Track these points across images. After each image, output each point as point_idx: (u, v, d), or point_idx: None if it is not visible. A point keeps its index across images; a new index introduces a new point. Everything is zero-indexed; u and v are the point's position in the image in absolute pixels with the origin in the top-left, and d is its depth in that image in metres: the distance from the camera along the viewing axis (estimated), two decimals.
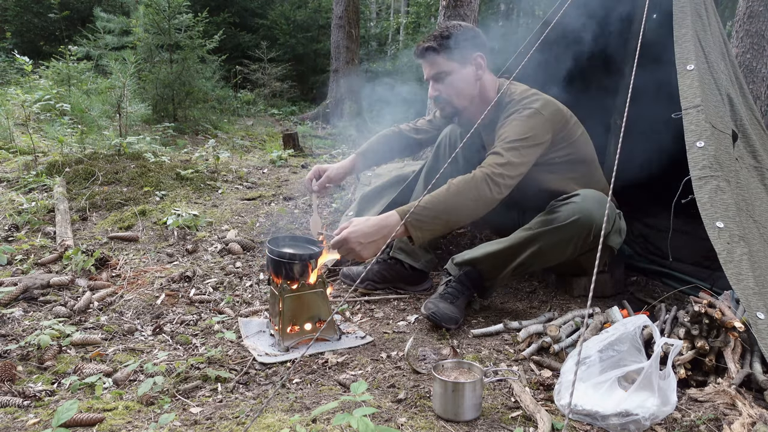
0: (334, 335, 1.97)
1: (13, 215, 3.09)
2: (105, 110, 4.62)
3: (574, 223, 1.95)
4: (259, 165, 4.86)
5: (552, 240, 1.99)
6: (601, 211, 1.94)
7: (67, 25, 11.25)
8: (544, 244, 2.00)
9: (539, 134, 2.02)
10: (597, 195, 2.01)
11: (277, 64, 11.73)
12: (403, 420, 1.40)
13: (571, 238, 1.98)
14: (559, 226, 1.97)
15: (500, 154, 1.96)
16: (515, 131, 2.00)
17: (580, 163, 2.22)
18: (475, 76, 2.17)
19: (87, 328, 2.03)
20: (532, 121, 2.02)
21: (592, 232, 1.96)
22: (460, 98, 2.20)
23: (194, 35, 7.09)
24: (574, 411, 1.42)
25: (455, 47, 2.12)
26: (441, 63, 2.15)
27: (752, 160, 2.07)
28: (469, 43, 2.13)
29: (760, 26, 3.99)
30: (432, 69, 2.18)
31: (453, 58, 2.14)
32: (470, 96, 2.20)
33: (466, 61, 2.15)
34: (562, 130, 2.12)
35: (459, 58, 2.14)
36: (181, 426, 1.41)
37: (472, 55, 2.15)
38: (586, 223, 1.94)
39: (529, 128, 2.01)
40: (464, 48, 2.13)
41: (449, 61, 2.14)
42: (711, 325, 1.61)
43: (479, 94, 2.21)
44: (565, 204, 2.00)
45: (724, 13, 9.01)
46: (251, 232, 3.11)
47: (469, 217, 1.96)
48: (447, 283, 2.18)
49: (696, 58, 1.90)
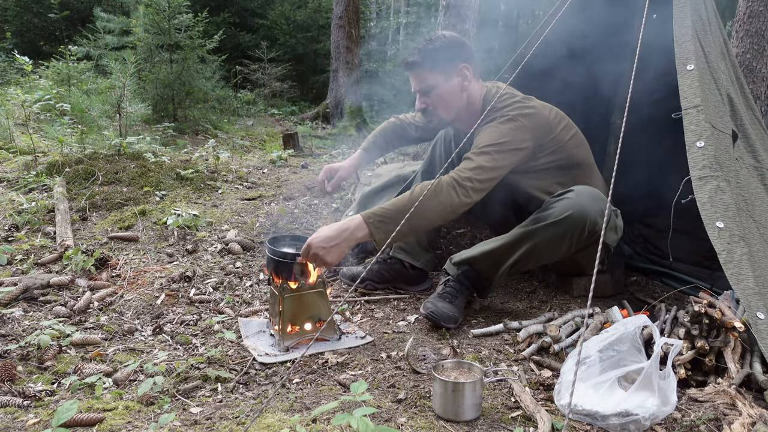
0: (334, 335, 1.97)
1: (13, 215, 3.09)
2: (105, 110, 4.62)
3: (568, 219, 1.95)
4: (259, 165, 4.86)
5: (546, 236, 1.99)
6: (595, 207, 1.95)
7: (67, 25, 11.26)
8: (539, 240, 2.00)
9: (515, 140, 2.02)
10: (591, 191, 2.01)
11: (277, 64, 11.73)
12: (403, 420, 1.40)
13: (565, 233, 1.98)
14: (552, 221, 1.97)
15: (471, 159, 1.98)
16: (489, 137, 2.01)
17: (573, 168, 2.21)
18: (460, 87, 2.17)
19: (87, 328, 2.03)
20: (506, 127, 2.03)
21: (586, 227, 1.96)
22: (446, 110, 2.21)
23: (194, 35, 7.09)
24: (574, 411, 1.42)
25: (439, 60, 2.12)
26: (425, 76, 2.15)
27: (752, 160, 2.07)
28: (453, 55, 2.13)
29: (760, 26, 3.99)
30: (417, 83, 2.18)
31: (437, 71, 2.13)
32: (457, 108, 2.21)
33: (451, 73, 2.14)
34: (546, 136, 2.11)
35: (443, 71, 2.14)
36: (181, 426, 1.41)
37: (457, 67, 2.14)
38: (580, 218, 1.94)
39: (502, 134, 2.01)
40: (448, 60, 2.13)
41: (434, 74, 2.14)
42: (711, 325, 1.61)
43: (466, 105, 2.21)
44: (559, 200, 2.01)
45: (724, 13, 9.01)
46: (251, 232, 3.11)
47: (436, 221, 1.96)
48: (445, 283, 2.18)
49: (696, 58, 1.90)
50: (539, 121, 2.09)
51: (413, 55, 2.14)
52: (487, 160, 1.96)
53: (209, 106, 7.78)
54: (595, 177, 2.31)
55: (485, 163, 1.95)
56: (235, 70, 10.88)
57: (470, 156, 1.99)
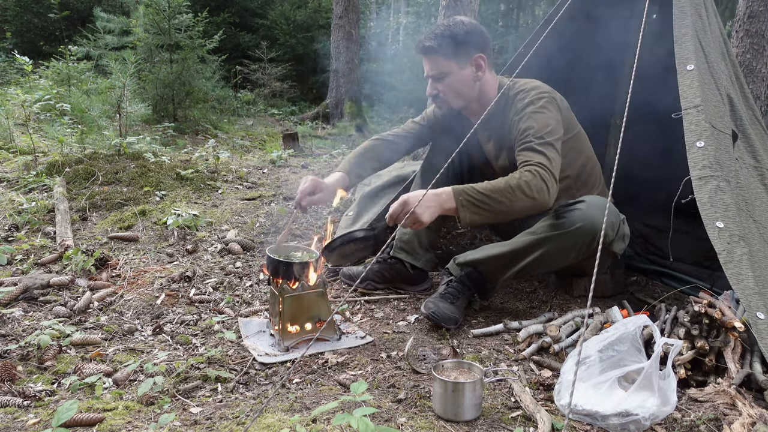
0: (334, 335, 1.97)
1: (13, 215, 3.09)
2: (105, 110, 4.62)
3: (579, 230, 1.94)
4: (259, 165, 4.86)
5: (556, 246, 1.99)
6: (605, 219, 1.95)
7: (67, 25, 11.25)
8: (548, 249, 2.00)
9: (558, 127, 2.04)
10: (601, 202, 2.00)
11: (277, 64, 11.72)
12: (403, 420, 1.40)
13: (575, 244, 1.98)
14: (563, 232, 1.96)
15: (539, 151, 1.94)
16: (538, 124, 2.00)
17: (578, 159, 2.23)
18: (474, 77, 2.15)
19: (87, 328, 2.03)
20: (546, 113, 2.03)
21: (596, 239, 1.95)
22: (457, 99, 2.20)
23: (194, 35, 7.09)
24: (574, 411, 1.42)
25: (455, 47, 2.10)
26: (440, 63, 2.13)
27: (752, 160, 2.07)
28: (470, 44, 2.11)
29: (760, 26, 3.99)
30: (431, 67, 2.16)
31: (452, 58, 2.11)
32: (468, 97, 2.19)
33: (466, 62, 2.13)
34: (565, 120, 2.13)
35: (458, 59, 2.12)
36: (181, 426, 1.41)
37: (473, 56, 2.13)
38: (590, 230, 1.94)
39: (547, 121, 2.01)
40: (464, 48, 2.11)
41: (448, 62, 2.12)
42: (711, 325, 1.61)
43: (478, 95, 2.19)
44: (570, 210, 1.99)
45: (724, 13, 9.00)
46: (251, 232, 3.11)
47: (521, 214, 1.93)
48: (448, 283, 2.18)
49: (696, 58, 1.90)
50: (562, 103, 2.14)
51: (430, 40, 2.12)
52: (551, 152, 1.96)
53: (209, 106, 7.78)
54: (596, 171, 2.31)
55: (553, 155, 1.96)
56: (235, 70, 10.87)
57: (534, 147, 1.95)
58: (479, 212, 1.85)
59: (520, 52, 2.59)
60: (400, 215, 1.86)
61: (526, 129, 2.00)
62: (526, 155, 1.95)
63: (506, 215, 1.93)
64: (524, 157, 1.95)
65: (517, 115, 2.07)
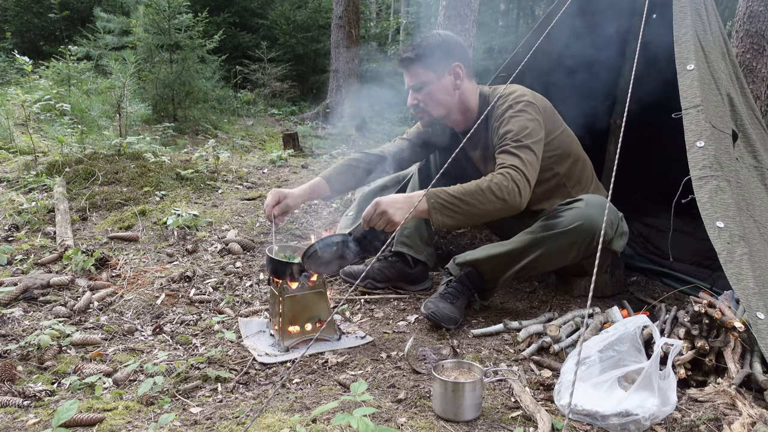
0: (334, 335, 1.97)
1: (13, 215, 3.09)
2: (105, 110, 4.63)
3: (577, 229, 1.95)
4: (259, 165, 4.86)
5: (555, 245, 1.99)
6: (604, 217, 1.95)
7: (67, 25, 11.26)
8: (547, 248, 2.00)
9: (536, 129, 2.05)
10: (600, 201, 2.01)
11: (277, 64, 11.72)
12: (403, 420, 1.40)
13: (574, 243, 1.98)
14: (561, 231, 1.97)
15: (513, 153, 1.96)
16: (515, 126, 2.02)
17: (567, 158, 2.24)
18: (453, 85, 2.18)
19: (87, 328, 2.03)
20: (524, 117, 2.05)
21: (595, 238, 1.96)
22: (437, 108, 2.21)
23: (194, 35, 7.09)
24: (574, 411, 1.42)
25: (432, 57, 2.14)
26: (419, 73, 2.16)
27: (752, 160, 2.07)
28: (446, 53, 2.15)
29: (760, 26, 3.99)
30: (410, 78, 2.19)
31: (430, 68, 2.15)
32: (448, 105, 2.21)
33: (444, 71, 2.16)
34: (548, 121, 2.14)
35: (436, 69, 2.15)
36: (181, 426, 1.41)
37: (451, 65, 2.15)
38: (589, 229, 1.95)
39: (524, 124, 2.03)
40: (441, 58, 2.14)
41: (426, 72, 2.15)
42: (711, 325, 1.61)
43: (458, 103, 2.21)
44: (569, 209, 2.00)
45: (724, 13, 9.01)
46: (251, 232, 3.11)
47: (494, 216, 1.95)
48: (448, 283, 2.18)
49: (696, 58, 1.90)
50: (544, 105, 2.15)
51: (407, 52, 2.17)
52: (527, 154, 1.97)
53: (209, 106, 7.78)
54: (587, 169, 2.32)
55: (529, 157, 1.97)
56: (235, 70, 10.87)
57: (510, 149, 1.98)
58: (451, 215, 1.87)
59: (517, 52, 2.60)
60: (373, 217, 1.89)
61: (504, 133, 2.04)
62: (501, 158, 1.99)
63: (478, 218, 1.97)
64: (500, 160, 1.99)
65: (497, 120, 2.10)
